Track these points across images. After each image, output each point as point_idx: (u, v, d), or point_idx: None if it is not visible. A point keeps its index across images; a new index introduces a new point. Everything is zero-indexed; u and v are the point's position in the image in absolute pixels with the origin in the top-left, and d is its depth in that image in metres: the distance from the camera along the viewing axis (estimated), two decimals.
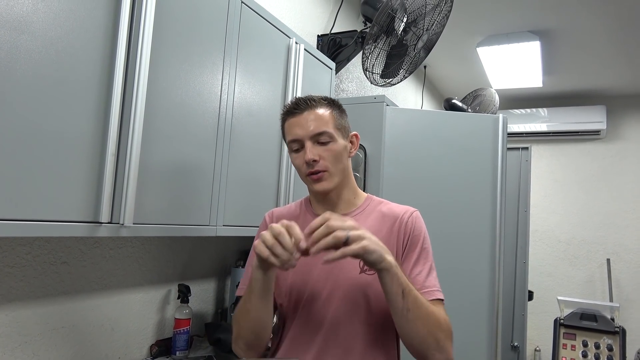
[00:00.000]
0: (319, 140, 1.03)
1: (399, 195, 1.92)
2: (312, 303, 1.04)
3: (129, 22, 1.03)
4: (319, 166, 1.03)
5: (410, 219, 1.09)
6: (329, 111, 1.06)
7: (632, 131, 4.46)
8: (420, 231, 1.08)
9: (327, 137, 1.03)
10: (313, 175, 1.04)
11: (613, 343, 3.28)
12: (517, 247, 3.08)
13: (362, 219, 1.09)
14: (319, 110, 1.04)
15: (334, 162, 1.04)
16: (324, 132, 1.03)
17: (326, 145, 1.03)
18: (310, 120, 1.03)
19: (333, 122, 1.05)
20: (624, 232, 4.36)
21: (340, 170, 1.06)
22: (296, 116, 1.04)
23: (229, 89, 1.38)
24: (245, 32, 1.44)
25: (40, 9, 0.87)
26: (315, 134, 1.02)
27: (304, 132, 1.03)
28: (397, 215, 1.09)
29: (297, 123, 1.03)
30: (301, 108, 1.04)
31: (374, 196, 1.17)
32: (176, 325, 1.55)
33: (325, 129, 1.03)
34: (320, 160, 1.02)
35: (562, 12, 2.94)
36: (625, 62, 3.65)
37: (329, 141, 1.03)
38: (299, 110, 1.04)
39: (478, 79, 4.11)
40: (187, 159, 1.23)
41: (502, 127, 1.95)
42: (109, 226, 1.01)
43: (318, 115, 1.04)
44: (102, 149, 0.99)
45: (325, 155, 1.03)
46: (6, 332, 1.16)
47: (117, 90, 1.01)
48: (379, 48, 2.16)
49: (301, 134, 1.03)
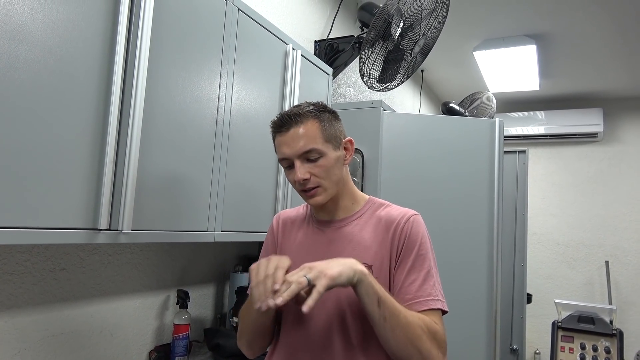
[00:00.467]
0: (308, 158, 1.01)
1: (397, 199, 1.93)
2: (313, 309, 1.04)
3: (127, 29, 1.05)
4: (311, 183, 1.01)
5: (406, 224, 1.06)
6: (317, 124, 1.02)
7: (629, 134, 4.48)
8: (416, 237, 1.05)
9: (316, 154, 1.01)
10: (306, 192, 1.03)
11: (611, 345, 3.29)
12: (515, 250, 3.09)
13: (359, 226, 1.08)
14: (305, 125, 1.01)
15: (326, 177, 1.02)
16: (311, 150, 1.00)
17: (316, 162, 1.01)
18: (296, 138, 1.00)
19: (322, 135, 1.02)
20: (622, 235, 4.37)
21: (334, 183, 1.04)
22: (283, 134, 1.02)
23: (227, 95, 1.39)
24: (243, 39, 1.45)
25: (39, 18, 0.88)
26: (303, 153, 1.00)
27: (291, 152, 1.00)
28: (393, 220, 1.07)
29: (284, 142, 1.01)
30: (287, 125, 1.01)
31: (376, 199, 1.15)
32: (175, 331, 1.55)
33: (313, 146, 1.00)
34: (311, 177, 1.01)
35: (558, 16, 2.96)
36: (622, 65, 3.68)
37: (318, 157, 1.01)
38: (284, 128, 1.02)
39: (475, 83, 4.13)
40: (185, 165, 1.24)
41: (499, 130, 1.96)
42: (108, 233, 1.02)
43: (305, 132, 1.00)
44: (100, 156, 1.00)
45: (316, 171, 1.01)
46: (5, 338, 1.16)
47: (115, 97, 1.01)
48: (375, 53, 2.18)
49: (289, 153, 1.01)
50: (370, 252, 1.04)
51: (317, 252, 1.08)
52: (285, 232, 1.17)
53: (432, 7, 2.08)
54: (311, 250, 1.10)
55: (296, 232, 1.15)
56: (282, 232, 1.17)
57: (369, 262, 1.03)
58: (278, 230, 1.18)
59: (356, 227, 1.08)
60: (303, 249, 1.11)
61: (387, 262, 1.04)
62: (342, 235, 1.08)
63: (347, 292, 1.00)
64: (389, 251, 1.04)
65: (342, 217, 1.10)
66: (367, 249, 1.05)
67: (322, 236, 1.10)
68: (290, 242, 1.14)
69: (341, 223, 1.10)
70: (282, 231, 1.17)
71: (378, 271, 1.03)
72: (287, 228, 1.17)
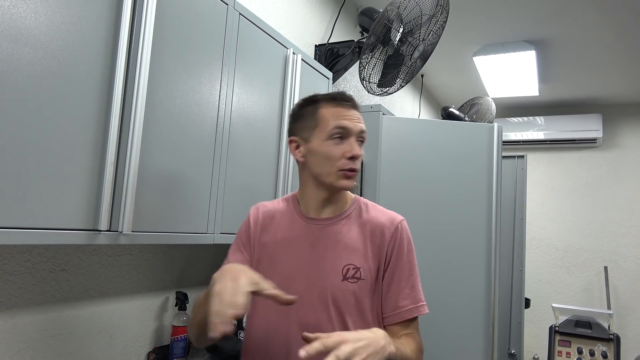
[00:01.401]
0: (360, 138, 1.05)
1: (396, 203, 1.94)
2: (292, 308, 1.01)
3: (129, 33, 1.06)
4: (357, 164, 1.04)
5: (395, 232, 1.07)
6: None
7: (628, 139, 4.49)
8: (405, 244, 1.07)
9: (364, 139, 1.07)
10: (349, 171, 1.03)
11: (608, 350, 3.29)
12: (513, 254, 3.09)
13: (347, 226, 1.08)
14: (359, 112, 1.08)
15: (360, 162, 1.07)
16: (365, 132, 1.06)
17: (361, 146, 1.06)
18: (359, 117, 1.06)
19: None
20: (621, 240, 4.38)
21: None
22: (346, 108, 1.05)
23: (227, 98, 1.40)
24: (243, 43, 1.47)
25: (42, 22, 0.89)
26: (361, 132, 1.05)
27: (354, 127, 1.03)
28: (380, 225, 1.08)
29: (349, 115, 1.04)
30: (352, 102, 1.06)
31: (360, 198, 1.16)
32: (174, 333, 1.56)
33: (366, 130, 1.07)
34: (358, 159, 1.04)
35: (557, 22, 2.98)
36: (621, 71, 3.69)
37: (363, 142, 1.07)
38: (350, 104, 1.06)
39: (475, 88, 4.15)
40: (185, 168, 1.25)
41: (497, 135, 1.97)
42: (108, 234, 1.03)
43: (360, 116, 1.07)
44: (101, 158, 1.01)
45: (360, 155, 1.05)
46: (5, 338, 1.17)
47: (116, 100, 1.03)
48: (375, 58, 2.19)
49: (353, 128, 1.03)
50: (358, 254, 1.05)
51: (301, 249, 1.07)
52: (265, 227, 1.13)
53: (431, 12, 2.10)
54: (294, 247, 1.08)
55: (276, 227, 1.12)
56: (262, 226, 1.14)
57: (356, 264, 1.04)
58: (257, 224, 1.14)
59: (344, 227, 1.08)
60: (285, 245, 1.09)
61: (374, 266, 1.05)
62: (329, 234, 1.07)
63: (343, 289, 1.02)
64: (378, 257, 1.06)
65: (331, 216, 1.09)
66: (354, 250, 1.05)
67: (308, 233, 1.09)
68: (270, 236, 1.11)
69: (329, 221, 1.09)
70: (262, 225, 1.14)
71: (366, 273, 1.04)
72: (267, 222, 1.14)
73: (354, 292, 1.02)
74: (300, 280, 1.04)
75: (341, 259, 1.04)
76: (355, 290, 1.02)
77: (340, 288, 1.02)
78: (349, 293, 1.02)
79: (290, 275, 1.06)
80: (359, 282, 1.03)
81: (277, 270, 1.08)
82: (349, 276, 1.02)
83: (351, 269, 1.03)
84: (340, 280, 1.02)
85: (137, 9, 1.08)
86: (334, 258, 1.05)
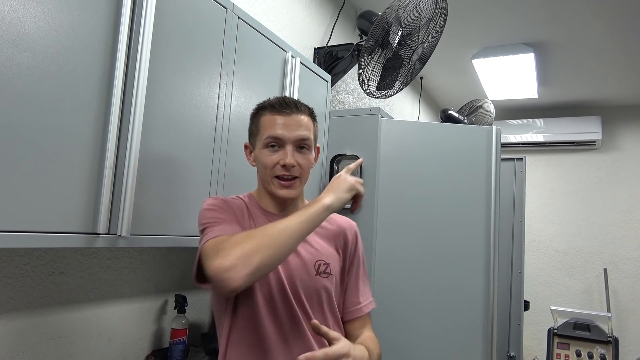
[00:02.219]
0: (300, 146, 1.03)
1: (394, 206, 1.95)
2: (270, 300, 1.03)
3: (128, 37, 1.06)
4: (295, 172, 1.03)
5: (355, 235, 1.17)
6: (311, 121, 1.07)
7: (627, 141, 4.50)
8: (360, 245, 1.18)
9: (307, 146, 1.04)
10: (284, 180, 1.03)
11: (606, 353, 3.29)
12: (512, 257, 3.10)
13: None
14: (305, 116, 1.05)
15: (304, 171, 1.06)
16: (307, 139, 1.03)
17: (305, 153, 1.04)
18: (298, 124, 1.02)
19: (313, 130, 1.07)
20: (620, 242, 4.38)
21: (305, 180, 1.08)
22: (283, 115, 1.02)
23: (226, 102, 1.41)
24: (242, 47, 1.47)
25: (42, 27, 0.90)
26: (300, 139, 1.02)
27: (289, 135, 1.01)
28: (342, 228, 1.16)
29: (284, 123, 1.02)
30: (290, 108, 1.03)
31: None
32: (173, 336, 1.56)
33: (310, 136, 1.04)
34: (296, 167, 1.02)
35: (556, 24, 2.98)
36: (620, 73, 3.70)
37: (306, 150, 1.05)
38: (287, 110, 1.03)
39: (474, 90, 4.16)
40: (183, 170, 1.26)
41: (496, 138, 1.97)
42: (107, 237, 1.03)
43: (304, 121, 1.04)
44: (100, 161, 1.02)
45: (302, 162, 1.04)
46: (4, 341, 1.17)
47: (115, 103, 1.03)
48: (374, 61, 2.20)
49: (287, 136, 1.01)
50: (324, 251, 1.10)
51: None
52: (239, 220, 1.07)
53: (430, 15, 2.10)
54: None
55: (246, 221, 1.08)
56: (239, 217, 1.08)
57: (325, 259, 1.09)
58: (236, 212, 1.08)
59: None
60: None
61: (338, 265, 1.13)
62: None
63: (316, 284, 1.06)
64: (341, 257, 1.13)
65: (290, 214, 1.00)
66: (321, 247, 1.11)
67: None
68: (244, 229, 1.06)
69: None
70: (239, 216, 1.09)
71: (335, 269, 1.11)
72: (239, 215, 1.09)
73: (325, 286, 1.07)
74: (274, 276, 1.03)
75: (313, 254, 1.08)
76: (327, 285, 1.08)
77: (314, 282, 1.06)
78: (322, 287, 1.07)
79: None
80: (329, 278, 1.08)
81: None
82: (320, 271, 1.07)
83: (322, 264, 1.08)
84: (314, 275, 1.07)
85: (136, 12, 1.09)
86: (307, 253, 1.08)
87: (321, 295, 1.07)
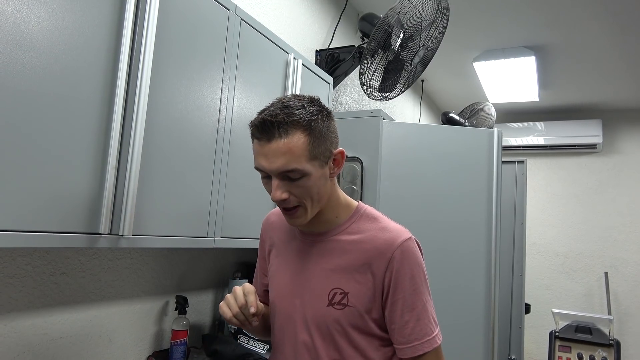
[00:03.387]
0: (288, 177, 0.88)
1: (395, 208, 1.95)
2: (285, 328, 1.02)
3: (131, 38, 1.06)
4: (290, 203, 0.90)
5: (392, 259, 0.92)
6: (304, 139, 0.87)
7: (628, 145, 4.50)
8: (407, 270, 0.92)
9: (298, 174, 0.87)
10: (286, 210, 0.93)
11: (608, 356, 3.28)
12: (513, 260, 3.09)
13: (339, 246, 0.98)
14: (291, 139, 0.86)
15: (307, 196, 0.90)
16: (293, 170, 0.86)
17: (297, 182, 0.88)
18: (278, 154, 0.85)
19: (307, 153, 0.87)
20: (621, 246, 4.38)
21: (317, 201, 0.93)
22: (263, 144, 0.87)
23: (228, 103, 1.41)
24: (244, 48, 1.48)
25: (46, 27, 0.90)
26: (282, 172, 0.87)
27: (270, 167, 0.87)
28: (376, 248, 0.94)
29: (263, 153, 0.87)
30: (268, 135, 0.86)
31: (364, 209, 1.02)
32: (173, 337, 1.56)
33: (295, 166, 0.86)
34: (290, 197, 0.89)
35: (557, 28, 2.99)
36: (621, 76, 3.70)
37: (300, 177, 0.88)
38: (265, 138, 0.86)
39: (475, 93, 4.16)
40: (186, 172, 1.26)
41: (497, 140, 1.98)
42: (109, 237, 1.03)
43: (289, 147, 0.85)
44: (103, 161, 1.02)
45: (296, 192, 0.89)
46: (5, 342, 1.17)
47: (118, 103, 1.03)
48: (376, 63, 2.20)
49: (268, 169, 0.87)
50: (348, 277, 0.94)
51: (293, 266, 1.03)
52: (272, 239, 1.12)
53: (432, 18, 2.11)
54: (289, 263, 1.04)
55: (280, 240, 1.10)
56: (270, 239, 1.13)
57: (344, 288, 0.94)
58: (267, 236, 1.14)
59: (337, 244, 0.98)
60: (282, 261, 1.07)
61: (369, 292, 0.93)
62: (319, 252, 0.99)
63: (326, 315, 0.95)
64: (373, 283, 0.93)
65: (323, 230, 1.00)
66: (344, 271, 0.95)
67: (301, 249, 1.03)
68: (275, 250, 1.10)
69: (321, 237, 1.00)
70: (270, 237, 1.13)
71: (355, 300, 0.93)
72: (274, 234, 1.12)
73: (338, 320, 0.93)
74: (289, 300, 1.00)
75: (329, 280, 0.95)
76: (340, 318, 0.93)
77: (323, 314, 0.94)
78: (333, 320, 0.93)
79: (281, 294, 1.03)
80: (345, 310, 0.93)
81: (274, 287, 1.07)
82: (334, 302, 0.93)
83: (338, 293, 0.94)
84: (325, 306, 0.94)
85: (139, 13, 1.09)
86: (322, 279, 0.96)
87: (334, 329, 0.93)
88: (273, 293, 1.06)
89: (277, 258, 1.09)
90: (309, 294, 0.97)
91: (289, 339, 1.00)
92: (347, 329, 0.93)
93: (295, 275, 1.02)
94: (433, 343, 0.93)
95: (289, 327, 1.00)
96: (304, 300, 0.98)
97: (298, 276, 1.01)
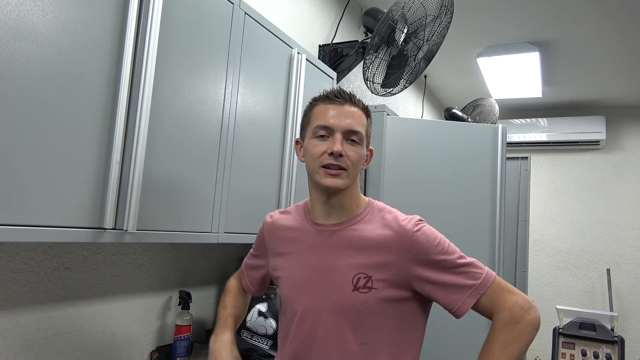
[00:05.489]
0: (349, 138, 1.00)
1: (399, 203, 1.94)
2: (304, 319, 1.02)
3: (135, 32, 1.06)
4: (342, 162, 0.98)
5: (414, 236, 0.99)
6: (365, 118, 1.04)
7: (631, 142, 4.49)
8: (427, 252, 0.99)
9: (357, 139, 1.00)
10: (332, 169, 0.99)
11: (612, 352, 3.28)
12: (516, 256, 3.09)
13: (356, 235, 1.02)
14: (359, 110, 1.03)
15: (355, 165, 1.01)
16: (358, 132, 1.00)
17: (354, 146, 1.00)
18: (350, 115, 1.00)
19: (366, 127, 1.03)
20: (624, 243, 4.37)
21: (355, 175, 1.02)
22: (335, 105, 1.01)
23: (232, 98, 1.40)
24: (248, 43, 1.47)
25: (50, 20, 0.90)
26: (350, 131, 0.99)
27: (339, 124, 0.99)
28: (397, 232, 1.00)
29: (336, 112, 1.00)
30: (343, 99, 1.02)
31: (376, 203, 1.10)
32: (177, 332, 1.56)
33: (360, 130, 1.01)
34: (344, 157, 0.98)
35: (561, 24, 2.97)
36: (624, 73, 3.68)
37: (357, 143, 1.00)
38: (340, 100, 1.01)
39: (478, 89, 4.15)
40: (190, 166, 1.25)
41: (502, 136, 1.97)
42: (113, 232, 1.03)
43: (357, 114, 1.02)
44: (107, 156, 1.01)
45: (351, 154, 0.99)
46: (9, 336, 1.17)
47: (122, 98, 1.03)
48: (379, 58, 2.19)
49: (336, 124, 0.99)
50: (369, 262, 0.99)
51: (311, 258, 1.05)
52: (279, 236, 1.13)
53: (436, 13, 2.09)
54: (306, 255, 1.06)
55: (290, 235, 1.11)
56: (276, 236, 1.14)
57: (367, 272, 0.98)
58: (271, 234, 1.16)
59: (354, 233, 1.03)
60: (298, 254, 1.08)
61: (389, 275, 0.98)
62: (338, 242, 1.03)
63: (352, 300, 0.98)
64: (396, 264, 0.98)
65: (339, 222, 1.05)
66: (365, 258, 0.99)
67: (317, 241, 1.06)
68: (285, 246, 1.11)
69: (337, 227, 1.05)
70: (276, 235, 1.14)
71: (379, 283, 0.97)
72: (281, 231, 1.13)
73: (365, 302, 0.97)
74: (310, 291, 1.02)
75: (351, 267, 0.99)
76: (367, 300, 0.97)
77: (349, 300, 0.97)
78: (361, 304, 0.97)
79: (301, 286, 1.04)
80: (370, 292, 0.97)
81: (290, 280, 1.07)
82: (359, 286, 0.97)
83: (362, 277, 0.98)
84: (351, 291, 0.98)
85: (143, 7, 1.08)
86: (344, 267, 1.00)
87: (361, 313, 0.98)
88: (287, 289, 1.07)
89: (286, 256, 1.10)
90: (332, 283, 1.00)
91: (307, 330, 1.02)
92: (374, 312, 0.98)
93: (313, 268, 1.03)
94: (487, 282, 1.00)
95: (308, 319, 1.01)
96: (326, 290, 1.00)
97: (316, 268, 1.03)
